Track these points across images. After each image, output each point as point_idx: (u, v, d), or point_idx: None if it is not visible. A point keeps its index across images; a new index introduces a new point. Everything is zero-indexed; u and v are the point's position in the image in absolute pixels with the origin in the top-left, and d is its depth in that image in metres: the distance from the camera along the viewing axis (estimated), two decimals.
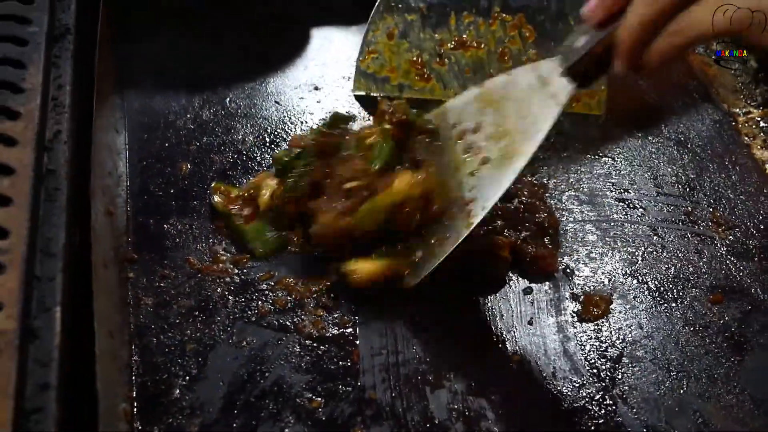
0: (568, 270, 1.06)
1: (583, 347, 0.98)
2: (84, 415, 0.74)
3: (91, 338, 0.77)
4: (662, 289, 1.05)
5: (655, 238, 1.12)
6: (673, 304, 1.04)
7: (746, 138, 1.29)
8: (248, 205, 1.07)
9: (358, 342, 0.96)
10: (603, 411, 0.92)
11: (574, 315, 1.02)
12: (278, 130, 1.20)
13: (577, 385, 0.94)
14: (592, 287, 1.05)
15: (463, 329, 0.99)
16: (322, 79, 1.31)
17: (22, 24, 0.98)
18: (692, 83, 1.38)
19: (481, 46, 1.27)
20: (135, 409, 0.87)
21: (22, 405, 0.68)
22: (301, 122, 1.23)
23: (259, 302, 0.99)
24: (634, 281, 1.06)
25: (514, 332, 0.99)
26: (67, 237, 0.81)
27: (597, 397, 0.93)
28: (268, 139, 1.18)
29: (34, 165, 0.84)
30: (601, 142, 1.25)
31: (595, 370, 0.96)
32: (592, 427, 0.90)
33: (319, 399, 0.90)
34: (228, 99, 1.25)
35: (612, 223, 1.13)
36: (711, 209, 1.16)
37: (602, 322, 1.01)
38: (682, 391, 0.94)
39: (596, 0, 0.86)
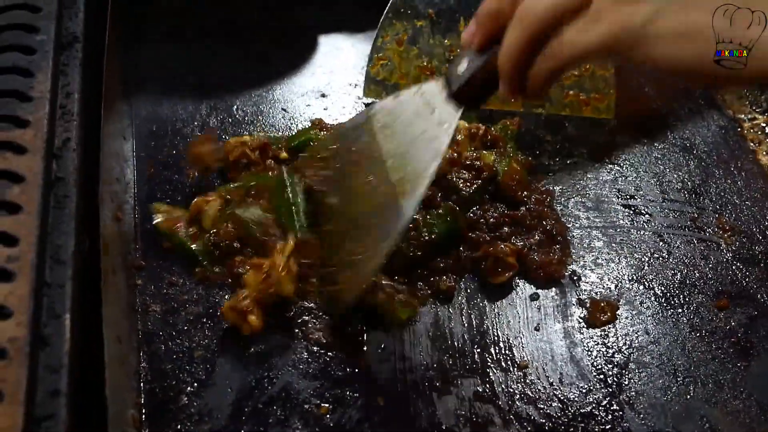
0: (574, 276, 1.06)
1: (589, 353, 0.98)
2: (93, 422, 0.74)
3: (100, 345, 0.77)
4: (668, 294, 1.05)
5: (661, 244, 1.12)
6: (680, 310, 1.04)
7: (752, 144, 1.29)
8: (192, 225, 1.06)
9: (365, 348, 0.97)
10: (610, 416, 0.92)
11: (581, 321, 1.02)
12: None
13: (584, 390, 0.94)
14: (598, 293, 1.05)
15: (470, 335, 0.99)
16: (329, 87, 1.31)
17: (30, 32, 0.98)
18: (698, 89, 1.38)
19: None
20: (143, 416, 0.87)
21: (33, 412, 0.68)
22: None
23: None
24: (641, 287, 1.06)
25: (521, 338, 0.99)
26: (76, 244, 0.81)
27: (604, 402, 0.93)
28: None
29: (43, 173, 0.84)
30: (606, 148, 1.25)
31: (601, 376, 0.96)
32: None
33: (327, 405, 0.90)
34: (235, 106, 1.26)
35: (618, 229, 1.13)
36: (717, 215, 1.16)
37: (609, 328, 1.01)
38: (688, 397, 0.95)
39: (475, 25, 0.85)
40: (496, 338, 0.99)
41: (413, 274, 1.04)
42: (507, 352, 0.98)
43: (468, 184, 1.10)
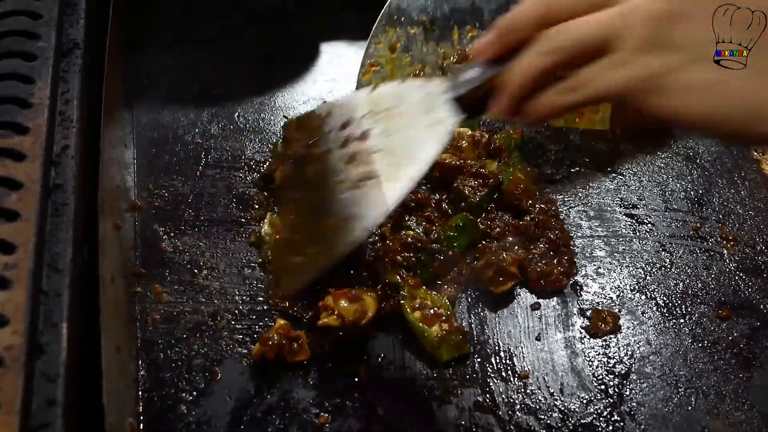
0: (576, 285, 1.06)
1: (591, 363, 0.98)
2: (91, 430, 0.74)
3: (98, 353, 0.77)
4: (670, 304, 1.05)
5: (663, 253, 1.11)
6: (682, 320, 1.03)
7: (755, 153, 1.28)
8: None
9: (365, 357, 0.96)
10: (611, 427, 0.91)
11: (582, 331, 1.01)
12: None
13: (585, 401, 0.94)
14: (600, 303, 1.04)
15: (470, 345, 0.98)
16: (330, 94, 1.31)
17: (31, 39, 0.98)
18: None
19: None
20: (142, 424, 0.87)
21: (29, 421, 0.68)
22: None
23: (266, 318, 0.99)
24: (643, 297, 1.06)
25: (522, 348, 0.99)
26: (74, 252, 0.81)
27: (605, 413, 0.93)
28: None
29: (42, 180, 0.84)
30: (609, 157, 1.25)
31: (603, 386, 0.95)
32: None
33: (326, 415, 0.90)
34: (236, 114, 1.25)
35: (620, 239, 1.12)
36: (720, 225, 1.16)
37: (610, 338, 1.01)
38: (690, 408, 0.94)
39: (492, 37, 0.84)
40: (496, 348, 0.99)
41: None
42: (508, 361, 0.97)
43: (475, 191, 1.10)
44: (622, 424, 0.92)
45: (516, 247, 1.07)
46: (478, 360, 0.97)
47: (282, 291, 0.99)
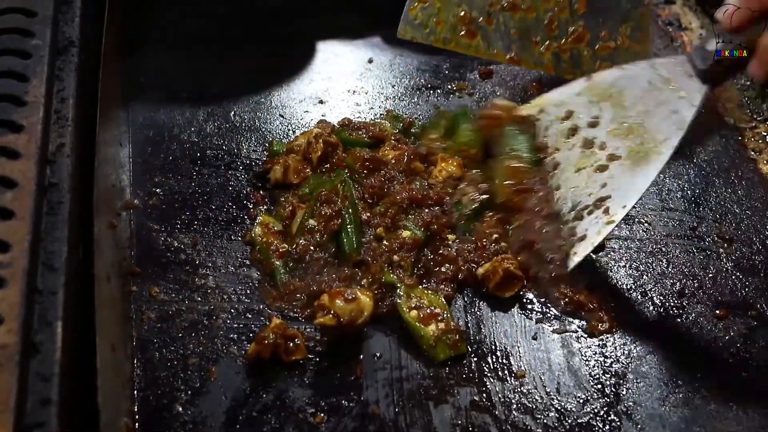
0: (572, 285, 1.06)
1: (587, 363, 0.98)
2: (85, 430, 0.73)
3: (93, 353, 0.76)
4: (667, 304, 1.05)
5: (660, 253, 1.11)
6: (678, 320, 1.03)
7: (752, 153, 1.28)
8: (284, 241, 1.07)
9: (361, 356, 0.96)
10: (608, 427, 0.91)
11: (579, 330, 1.01)
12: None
13: (581, 400, 0.94)
14: (597, 303, 1.04)
15: (467, 344, 0.98)
16: (327, 93, 1.31)
17: (26, 37, 0.98)
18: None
19: (530, 11, 1.27)
20: (137, 424, 0.87)
21: (23, 420, 0.68)
22: None
23: (262, 317, 0.98)
24: (639, 296, 1.05)
25: (519, 347, 0.99)
26: (69, 251, 0.81)
27: (601, 413, 0.92)
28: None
29: (37, 178, 0.84)
30: None
31: (599, 386, 0.95)
32: None
33: (322, 414, 0.90)
34: (232, 112, 1.25)
35: (617, 238, 1.12)
36: (716, 224, 1.16)
37: (607, 338, 1.00)
38: (687, 408, 0.94)
39: (735, 5, 0.86)
40: (493, 347, 0.98)
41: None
42: (504, 361, 0.97)
43: (471, 201, 1.11)
44: (618, 423, 0.92)
45: (518, 249, 1.07)
46: (475, 359, 0.97)
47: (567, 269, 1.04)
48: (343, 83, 1.33)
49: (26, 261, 0.77)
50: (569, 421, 0.92)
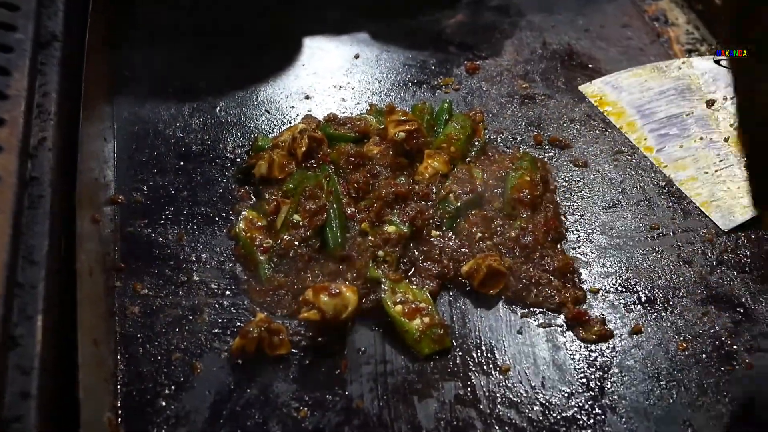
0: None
1: (572, 357, 0.97)
2: (65, 424, 0.73)
3: (75, 347, 0.76)
4: (653, 298, 1.04)
5: (646, 247, 1.11)
6: (664, 314, 1.03)
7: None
8: (268, 236, 1.07)
9: (346, 351, 0.96)
10: (592, 421, 0.91)
11: (564, 324, 1.01)
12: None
13: (566, 394, 0.93)
14: (582, 296, 1.04)
15: (452, 339, 0.98)
16: (312, 88, 1.31)
17: (8, 31, 0.97)
18: None
19: None
20: (120, 419, 0.86)
21: (2, 413, 0.68)
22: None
23: (246, 312, 0.98)
24: (625, 290, 1.05)
25: (504, 341, 0.98)
26: (50, 245, 0.81)
27: (586, 406, 0.92)
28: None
29: (18, 172, 0.84)
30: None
31: (584, 380, 0.95)
32: None
33: (306, 409, 0.90)
34: (218, 108, 1.25)
35: (603, 234, 1.12)
36: (701, 218, 1.16)
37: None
38: (671, 401, 0.94)
39: None
40: (478, 341, 0.98)
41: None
42: (489, 355, 0.97)
43: (457, 198, 1.11)
44: (603, 417, 0.92)
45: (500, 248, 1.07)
46: (460, 354, 0.97)
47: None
48: (329, 79, 1.33)
49: (7, 254, 0.76)
50: (554, 414, 0.92)
